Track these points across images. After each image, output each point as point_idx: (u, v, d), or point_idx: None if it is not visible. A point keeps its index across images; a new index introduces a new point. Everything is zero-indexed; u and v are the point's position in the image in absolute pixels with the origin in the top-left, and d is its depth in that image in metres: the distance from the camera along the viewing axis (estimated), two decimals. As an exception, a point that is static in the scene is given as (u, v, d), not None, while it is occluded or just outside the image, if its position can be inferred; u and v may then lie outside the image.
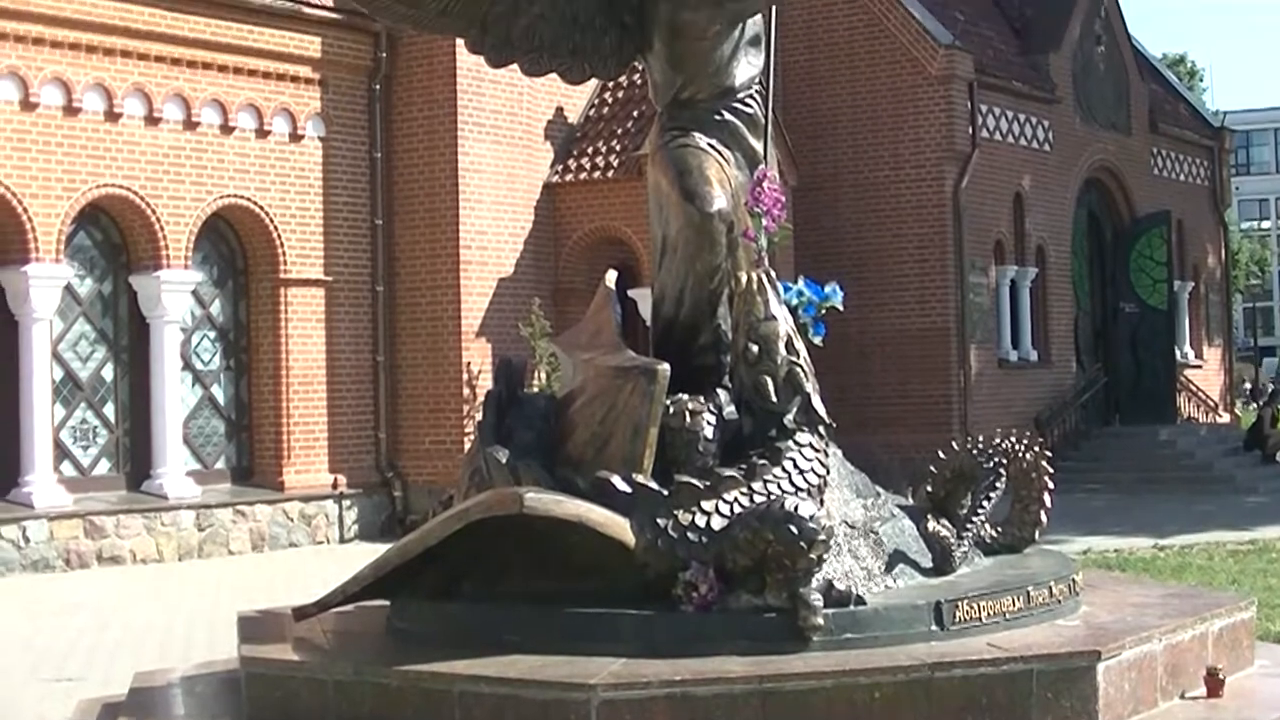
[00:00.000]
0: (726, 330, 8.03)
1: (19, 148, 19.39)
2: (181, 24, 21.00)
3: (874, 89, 28.11)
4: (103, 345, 21.04)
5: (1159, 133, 35.09)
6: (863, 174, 28.25)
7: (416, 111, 23.34)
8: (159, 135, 20.84)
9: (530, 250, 24.11)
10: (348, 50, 22.94)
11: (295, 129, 22.41)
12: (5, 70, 19.31)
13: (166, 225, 20.80)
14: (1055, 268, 31.03)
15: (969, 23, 30.30)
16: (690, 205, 7.91)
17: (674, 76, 8.23)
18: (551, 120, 24.50)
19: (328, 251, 22.79)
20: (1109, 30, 33.12)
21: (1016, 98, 29.84)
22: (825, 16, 28.23)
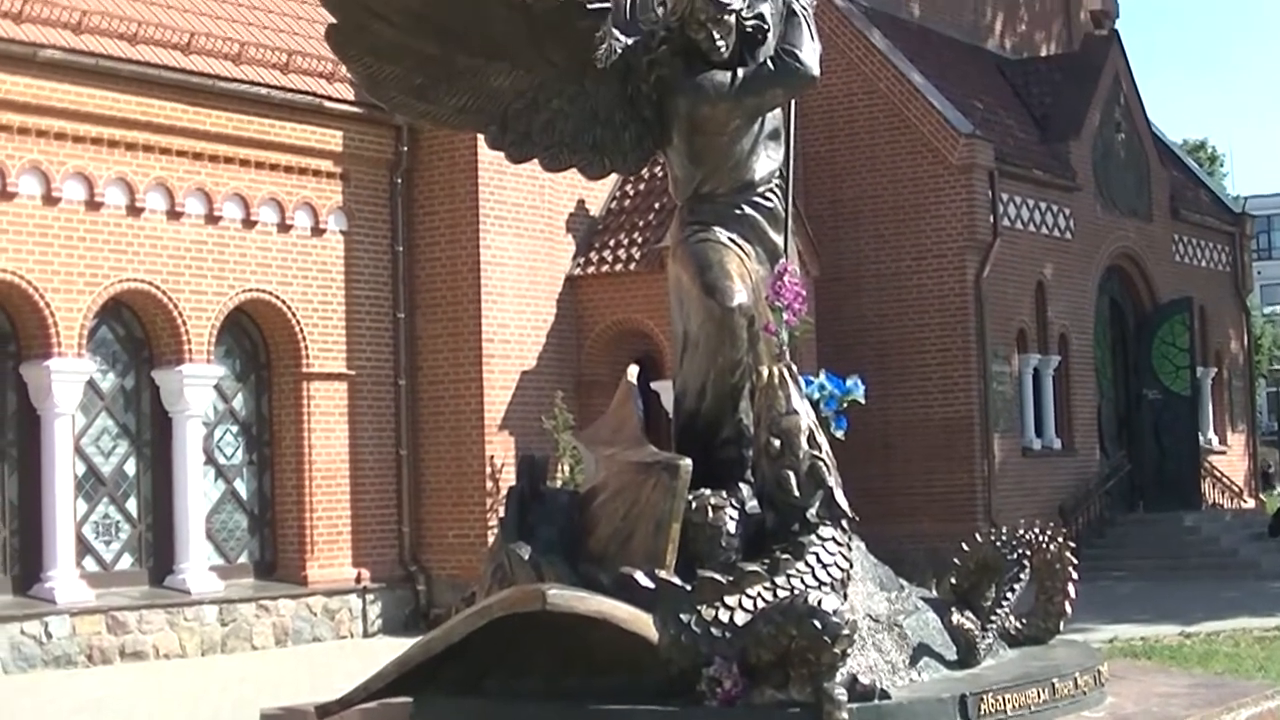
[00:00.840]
0: (748, 425, 8.01)
1: (41, 242, 19.47)
2: (203, 118, 21.11)
3: (895, 179, 28.16)
4: (125, 440, 21.05)
5: (1180, 219, 35.09)
6: (885, 264, 28.27)
7: (438, 205, 23.41)
8: (181, 229, 20.91)
9: (553, 343, 24.12)
10: (369, 144, 23.04)
11: (317, 223, 22.49)
12: (28, 165, 19.41)
13: (189, 320, 20.85)
14: (1078, 355, 30.98)
15: (989, 111, 30.39)
16: (711, 300, 7.92)
17: (694, 171, 8.25)
18: (573, 213, 24.56)
19: (350, 345, 22.82)
20: (1129, 117, 33.18)
21: (1038, 186, 29.87)
22: (845, 107, 28.32)
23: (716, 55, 8.07)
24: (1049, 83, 32.90)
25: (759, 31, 8.19)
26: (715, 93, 8.06)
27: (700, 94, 8.07)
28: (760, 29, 8.20)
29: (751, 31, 8.17)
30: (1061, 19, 37.20)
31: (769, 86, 8.10)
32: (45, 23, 19.75)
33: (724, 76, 8.07)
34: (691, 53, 8.10)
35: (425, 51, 7.96)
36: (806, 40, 8.12)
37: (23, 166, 19.35)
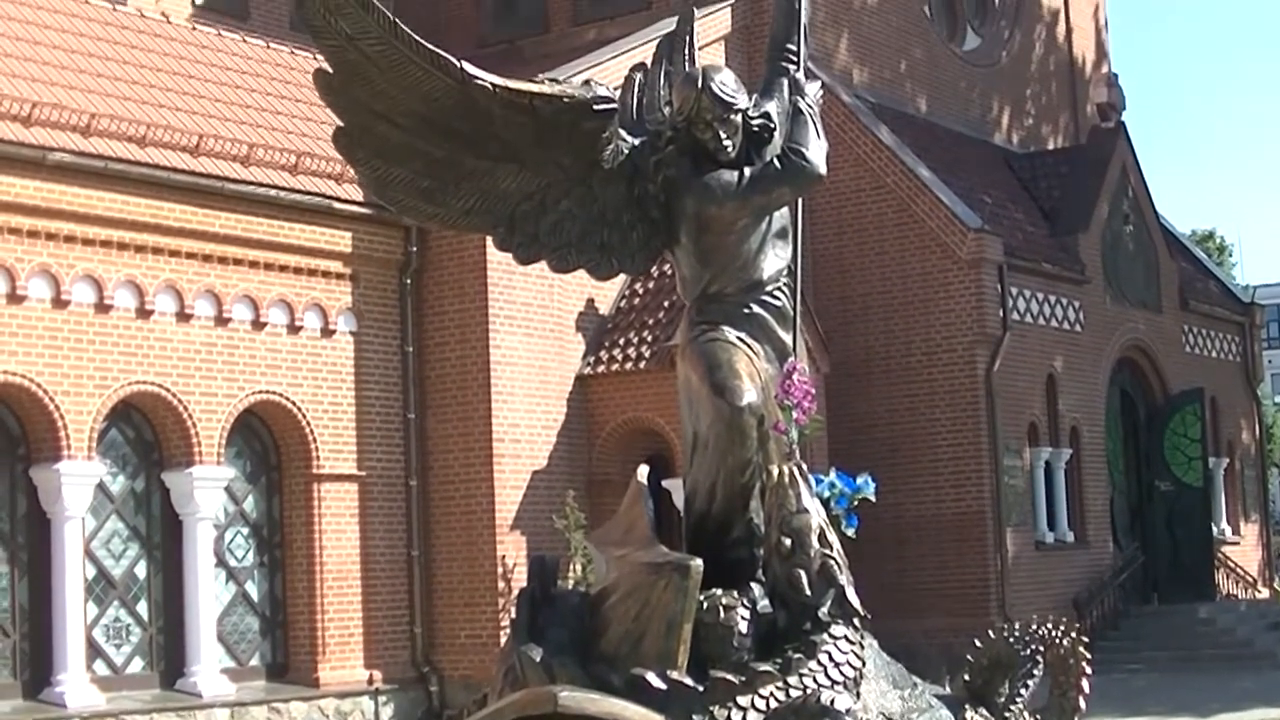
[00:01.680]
0: (759, 524, 7.97)
1: (51, 345, 19.50)
2: (212, 220, 21.19)
3: (904, 274, 28.18)
4: (135, 542, 21.02)
5: (1190, 310, 35.10)
6: (894, 359, 28.25)
7: (448, 305, 23.45)
8: (190, 331, 20.95)
9: (564, 442, 24.10)
10: (379, 245, 23.10)
11: (327, 324, 22.52)
12: (38, 268, 19.47)
13: (199, 422, 20.85)
14: (1089, 448, 30.91)
15: (997, 205, 30.46)
16: (720, 400, 7.89)
17: (702, 271, 8.23)
18: (583, 312, 24.59)
19: (360, 446, 22.81)
20: (1137, 209, 33.24)
21: (1047, 279, 29.90)
22: (854, 203, 28.39)
23: (723, 155, 8.07)
24: (1057, 176, 32.98)
25: (765, 130, 8.20)
26: (722, 192, 8.06)
27: (707, 193, 8.07)
28: (766, 128, 8.21)
29: (758, 130, 8.18)
30: (1068, 112, 37.34)
31: (776, 185, 8.11)
32: (54, 125, 19.86)
33: (731, 176, 8.07)
34: (698, 152, 8.11)
35: (432, 154, 7.96)
36: (813, 138, 8.12)
37: (32, 269, 19.40)
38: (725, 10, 28.15)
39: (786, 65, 8.62)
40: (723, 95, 8.03)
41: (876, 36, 31.13)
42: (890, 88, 31.43)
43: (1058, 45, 37.15)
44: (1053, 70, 36.94)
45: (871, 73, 30.92)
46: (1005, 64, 35.37)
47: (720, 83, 8.06)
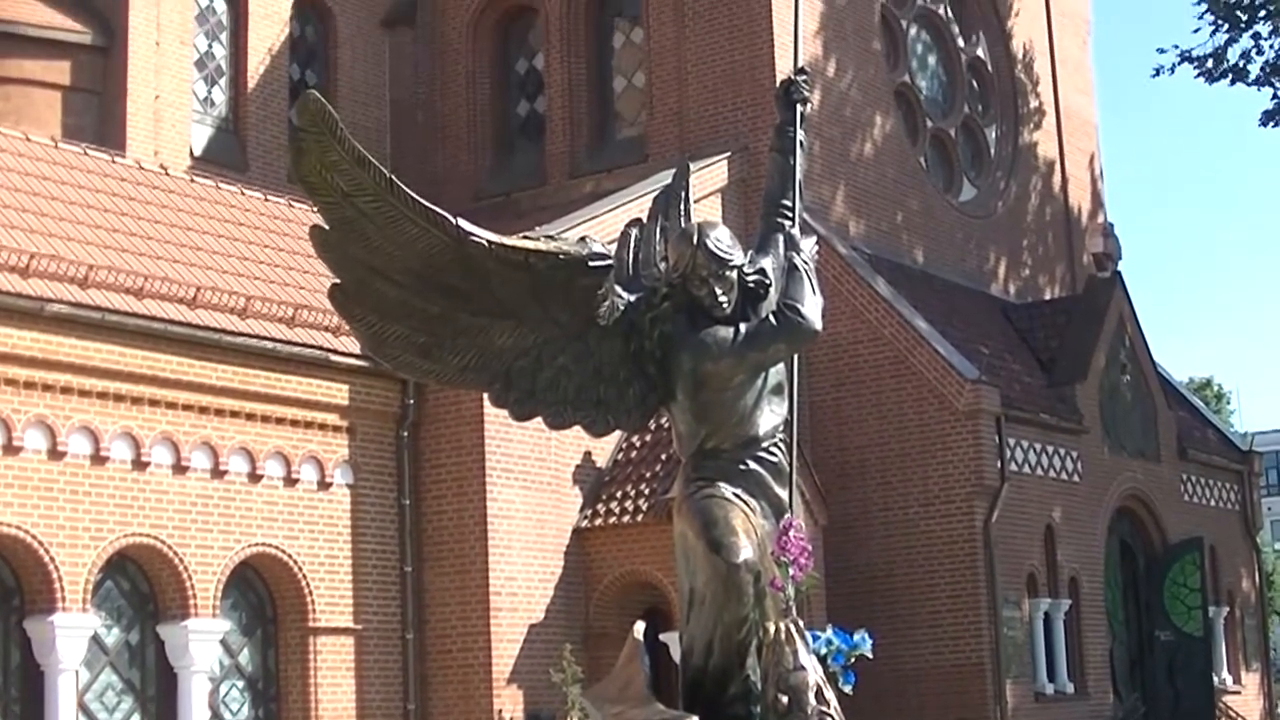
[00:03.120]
0: (756, 681, 7.92)
1: (46, 496, 19.44)
2: (209, 372, 21.18)
3: (901, 425, 28.14)
4: (130, 695, 20.84)
5: (1188, 459, 35.04)
6: (893, 510, 28.15)
7: (445, 458, 23.41)
8: (186, 484, 20.89)
9: (561, 595, 23.98)
10: (375, 397, 23.09)
11: (323, 476, 22.46)
12: (34, 419, 19.43)
13: (194, 574, 20.75)
14: (1089, 598, 30.76)
15: (994, 356, 30.48)
16: (717, 556, 7.87)
17: (698, 427, 8.22)
18: (580, 465, 24.55)
19: (357, 599, 22.68)
20: (1134, 359, 33.28)
21: (1044, 430, 29.86)
22: (850, 355, 28.41)
23: (719, 311, 8.09)
24: (1053, 326, 33.04)
25: (761, 287, 8.23)
26: (718, 348, 8.07)
27: (703, 350, 8.08)
28: (762, 284, 8.23)
29: (754, 287, 8.21)
30: (1065, 262, 37.47)
31: (772, 342, 8.11)
32: (52, 277, 19.91)
33: (727, 332, 8.08)
34: (694, 308, 8.12)
35: (428, 310, 7.96)
36: (808, 294, 8.13)
37: (29, 420, 19.37)
38: (721, 163, 28.32)
39: (782, 221, 8.66)
40: (718, 251, 8.05)
41: (873, 188, 31.31)
42: (887, 239, 31.56)
43: (1054, 196, 37.36)
44: (1049, 220, 37.11)
45: (868, 224, 31.07)
46: (1001, 215, 35.54)
47: (716, 239, 8.09)
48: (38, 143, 23.28)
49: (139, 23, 28.02)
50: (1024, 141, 36.42)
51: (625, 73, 31.62)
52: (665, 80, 30.11)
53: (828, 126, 29.77)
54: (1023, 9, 36.99)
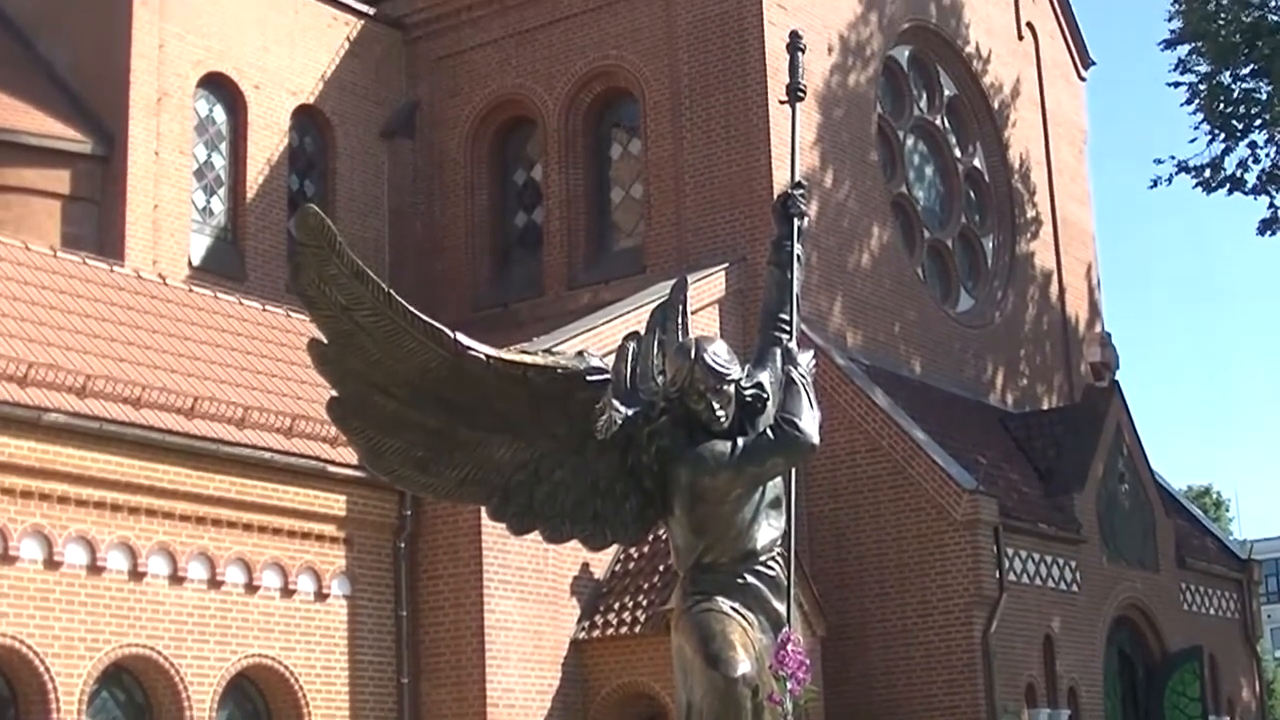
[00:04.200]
0: (754, 795, 7.88)
1: (42, 606, 19.37)
2: (207, 483, 21.16)
3: (899, 536, 28.07)
4: (123, 808, 20.71)
5: (1187, 568, 34.93)
6: (891, 621, 28.03)
7: (442, 569, 23.35)
8: (183, 594, 20.82)
9: (558, 707, 23.85)
10: (373, 508, 23.05)
11: (320, 587, 22.39)
12: (30, 529, 19.39)
13: (190, 685, 20.64)
14: (1088, 708, 30.56)
15: (992, 466, 30.44)
16: (715, 671, 7.84)
17: (695, 541, 8.22)
18: (577, 576, 24.49)
19: (354, 710, 22.54)
20: (1132, 468, 33.24)
21: (1043, 539, 29.78)
22: (848, 466, 28.37)
23: (716, 425, 8.11)
24: (1051, 436, 33.03)
25: (758, 401, 8.25)
26: (716, 463, 8.07)
27: (701, 464, 8.08)
28: (760, 398, 8.26)
29: (751, 401, 8.22)
30: (1062, 372, 37.51)
31: (769, 456, 8.12)
32: (50, 386, 19.92)
33: (724, 446, 8.09)
34: (692, 423, 8.14)
35: (426, 424, 7.97)
36: (806, 408, 8.14)
37: (25, 530, 19.34)
38: (719, 274, 28.38)
39: (779, 335, 8.68)
40: (716, 366, 8.07)
41: (870, 299, 31.37)
42: (884, 350, 31.60)
43: (1051, 305, 37.43)
44: (1046, 330, 37.17)
45: (866, 335, 31.11)
46: (999, 325, 35.61)
47: (713, 354, 8.11)
48: (37, 251, 23.35)
49: (139, 132, 28.15)
50: (1021, 251, 36.53)
51: (623, 184, 31.75)
52: (663, 191, 30.23)
53: (825, 237, 29.87)
54: (1019, 119, 37.21)
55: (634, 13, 31.15)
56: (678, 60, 30.44)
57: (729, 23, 29.98)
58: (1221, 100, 33.16)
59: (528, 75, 32.28)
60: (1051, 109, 38.39)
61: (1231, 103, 33.25)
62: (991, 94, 36.48)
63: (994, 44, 36.83)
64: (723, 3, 30.11)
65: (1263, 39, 32.29)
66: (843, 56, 31.68)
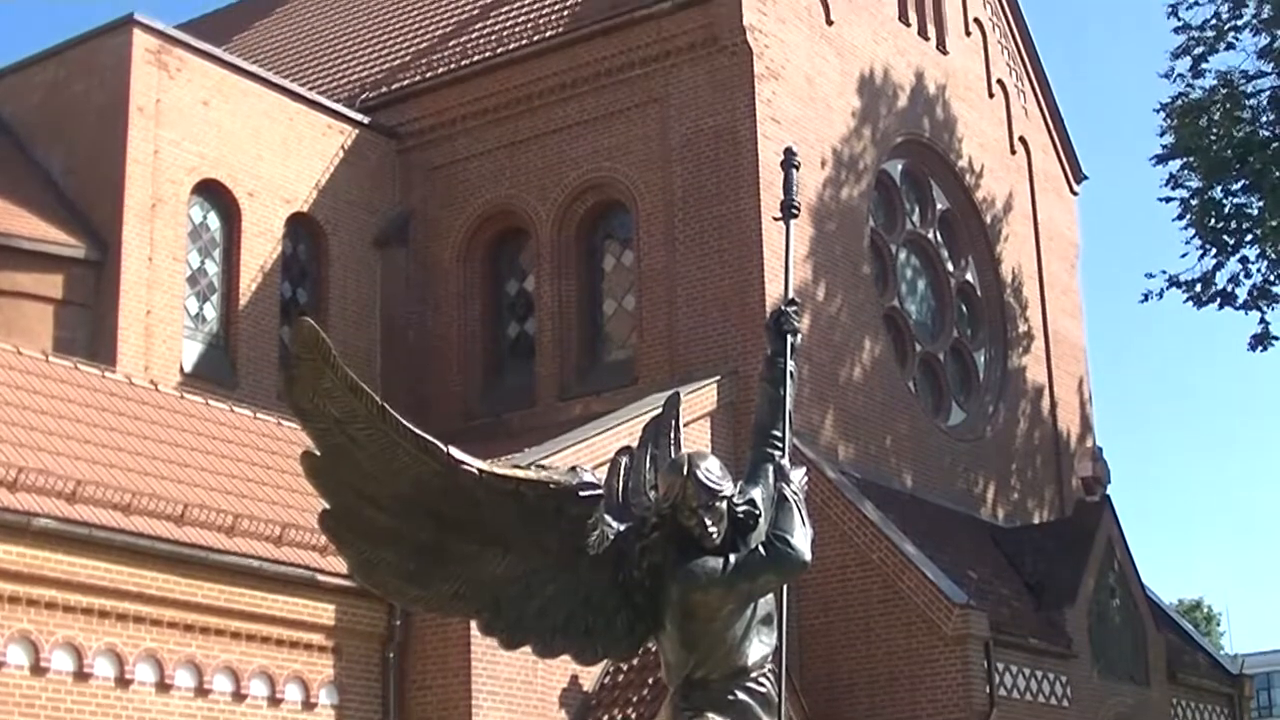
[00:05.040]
0: None
1: (27, 713, 19.23)
2: (195, 590, 21.07)
3: (890, 650, 27.96)
4: None
5: (1178, 682, 34.79)
6: (881, 735, 27.92)
7: (431, 680, 23.21)
8: (170, 702, 20.69)
9: (547, 815, 23.69)
10: (362, 618, 22.95)
11: (308, 697, 22.26)
12: (16, 634, 19.29)
13: (175, 796, 20.50)
14: (1080, 826, 30.41)
15: (983, 581, 30.37)
16: (705, 786, 7.82)
17: (686, 656, 8.19)
18: (566, 688, 24.34)
19: (338, 821, 22.40)
20: (1123, 583, 33.16)
21: (1034, 654, 29.67)
22: (839, 579, 28.28)
23: (708, 541, 8.10)
24: (1042, 550, 32.95)
25: (750, 517, 8.25)
26: (708, 579, 8.07)
27: (693, 580, 8.08)
28: (752, 515, 8.26)
29: (743, 517, 8.22)
30: (1054, 486, 37.49)
31: (761, 573, 8.12)
32: (40, 491, 19.88)
33: (716, 563, 8.09)
34: (684, 538, 8.13)
35: (418, 538, 7.96)
36: (798, 525, 8.15)
37: (11, 636, 19.24)
38: (711, 386, 28.37)
39: (772, 451, 8.69)
40: (708, 483, 8.08)
41: (861, 412, 31.38)
42: (875, 463, 31.58)
43: (1042, 419, 37.46)
44: (1038, 444, 37.19)
45: (857, 448, 31.10)
46: (990, 439, 35.62)
47: (705, 470, 8.11)
48: (29, 356, 23.37)
49: (132, 238, 28.22)
50: (1013, 365, 36.60)
51: (616, 295, 31.81)
52: (655, 303, 30.26)
53: (817, 350, 29.92)
54: (1012, 234, 37.37)
55: (628, 125, 31.31)
56: (671, 173, 30.56)
57: (723, 136, 30.11)
58: (1213, 215, 33.27)
59: (521, 186, 32.41)
60: (1044, 223, 38.59)
61: (1223, 218, 33.36)
62: (984, 208, 36.66)
63: (987, 158, 37.06)
64: (716, 116, 30.26)
65: (1254, 154, 32.44)
66: (836, 170, 31.84)
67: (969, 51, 37.46)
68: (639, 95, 31.23)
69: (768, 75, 30.37)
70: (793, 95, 30.96)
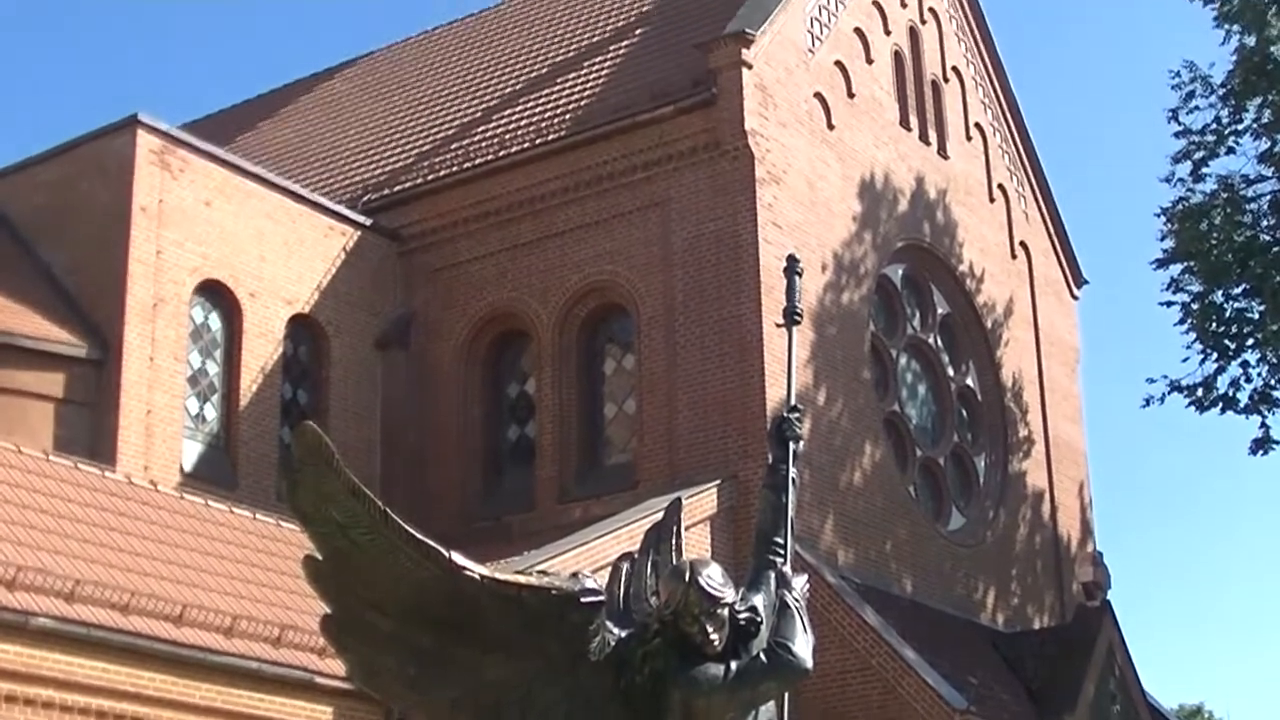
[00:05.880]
0: None
1: (23, 807, 19.18)
2: (193, 691, 20.98)
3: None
4: None
5: (1179, 795, 34.68)
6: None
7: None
8: (166, 809, 20.58)
9: None
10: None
11: (305, 804, 22.15)
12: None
13: None
14: None
15: (983, 686, 30.23)
16: None
17: (688, 762, 8.18)
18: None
19: None
20: (1123, 688, 32.97)
21: (1035, 754, 29.55)
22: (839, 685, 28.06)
23: (710, 648, 8.10)
24: (1043, 656, 32.79)
25: (752, 625, 8.25)
26: (709, 685, 8.06)
27: (694, 686, 8.07)
28: (754, 622, 8.25)
29: (745, 625, 8.22)
30: (1054, 591, 37.36)
31: (763, 680, 8.12)
32: (38, 590, 19.83)
33: (718, 669, 8.09)
34: (686, 645, 8.13)
35: (419, 643, 7.95)
36: (800, 633, 8.15)
37: (8, 736, 19.20)
38: (711, 491, 28.31)
39: (773, 558, 8.70)
40: (710, 590, 8.08)
41: (862, 517, 31.30)
42: (875, 568, 31.48)
43: (1043, 524, 37.37)
44: (1038, 549, 37.08)
45: (857, 553, 31.01)
46: (990, 544, 35.52)
47: (707, 577, 8.11)
48: (29, 454, 23.35)
49: (134, 338, 28.26)
50: (1013, 470, 36.56)
51: (616, 399, 31.80)
52: (656, 407, 30.22)
53: (817, 455, 29.88)
54: (1012, 339, 37.42)
55: (630, 229, 31.39)
56: (672, 276, 30.61)
57: (724, 240, 30.18)
58: (1214, 319, 33.30)
59: (523, 289, 32.47)
60: (1044, 327, 38.63)
61: (1224, 322, 33.38)
62: (985, 312, 36.72)
63: (987, 262, 37.16)
64: (718, 220, 30.33)
65: (1255, 259, 32.50)
66: (837, 274, 31.93)
67: (970, 156, 37.64)
68: (641, 199, 31.33)
69: (769, 179, 30.49)
70: (794, 199, 31.08)
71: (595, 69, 35.16)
